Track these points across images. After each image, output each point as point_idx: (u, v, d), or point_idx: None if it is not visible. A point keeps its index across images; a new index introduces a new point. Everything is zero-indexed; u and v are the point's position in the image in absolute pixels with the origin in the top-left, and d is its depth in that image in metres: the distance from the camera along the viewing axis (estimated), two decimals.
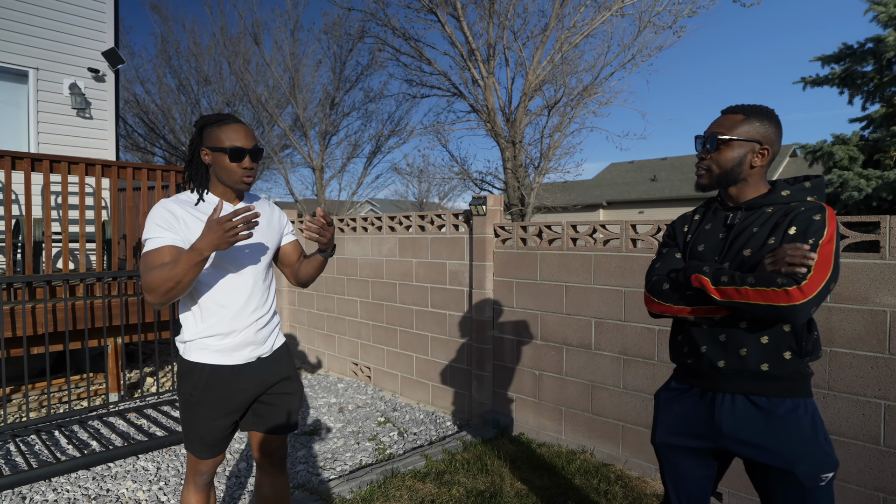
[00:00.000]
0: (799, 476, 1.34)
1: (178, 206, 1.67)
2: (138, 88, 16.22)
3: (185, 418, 1.76)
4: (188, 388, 1.71)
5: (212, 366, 1.70)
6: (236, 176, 1.69)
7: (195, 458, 1.77)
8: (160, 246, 1.60)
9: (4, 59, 5.47)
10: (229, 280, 1.71)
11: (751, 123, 1.46)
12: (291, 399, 1.88)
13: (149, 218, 1.65)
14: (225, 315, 1.70)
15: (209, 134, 1.70)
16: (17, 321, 3.65)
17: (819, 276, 1.28)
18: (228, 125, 1.70)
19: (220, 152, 1.67)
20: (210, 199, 1.75)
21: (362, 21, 10.67)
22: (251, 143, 1.71)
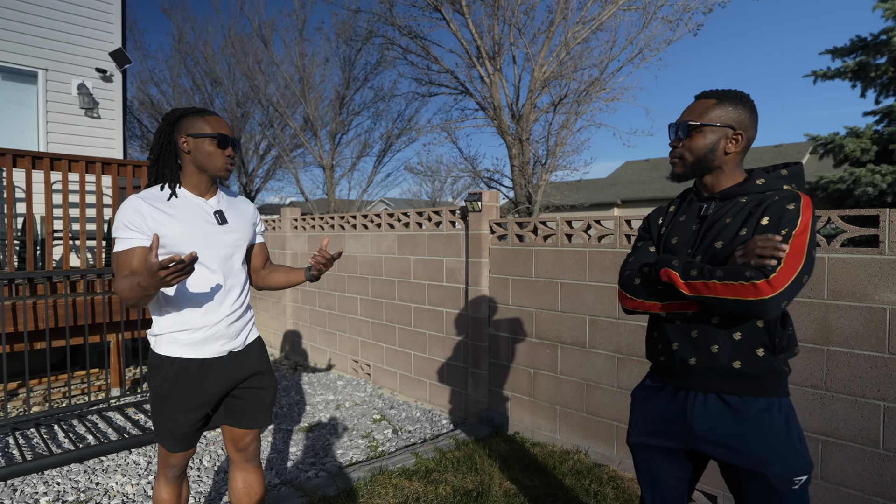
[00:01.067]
0: (770, 478, 1.27)
1: (146, 203, 1.64)
2: (153, 90, 16.49)
3: (154, 411, 1.75)
4: (157, 381, 1.70)
5: (181, 359, 1.69)
6: (220, 162, 1.70)
7: (165, 451, 1.76)
8: (128, 248, 1.61)
9: (14, 61, 5.57)
10: (201, 275, 1.70)
11: (723, 108, 1.40)
12: (264, 394, 1.86)
13: (117, 216, 1.64)
14: (196, 309, 1.69)
15: (189, 123, 1.69)
16: (18, 317, 3.71)
17: (789, 268, 1.22)
18: (211, 115, 1.73)
19: (206, 138, 1.67)
20: (182, 194, 1.72)
21: (370, 21, 10.68)
22: (232, 133, 1.76)
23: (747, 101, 1.41)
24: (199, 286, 1.70)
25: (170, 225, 1.63)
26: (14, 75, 5.64)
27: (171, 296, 1.68)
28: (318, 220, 5.72)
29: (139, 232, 1.61)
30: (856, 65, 8.45)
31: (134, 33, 16.08)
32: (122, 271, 1.60)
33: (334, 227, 5.44)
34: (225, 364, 1.76)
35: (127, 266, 1.60)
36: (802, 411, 2.39)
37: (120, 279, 1.57)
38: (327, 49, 14.63)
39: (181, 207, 1.69)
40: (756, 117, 1.43)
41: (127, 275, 1.57)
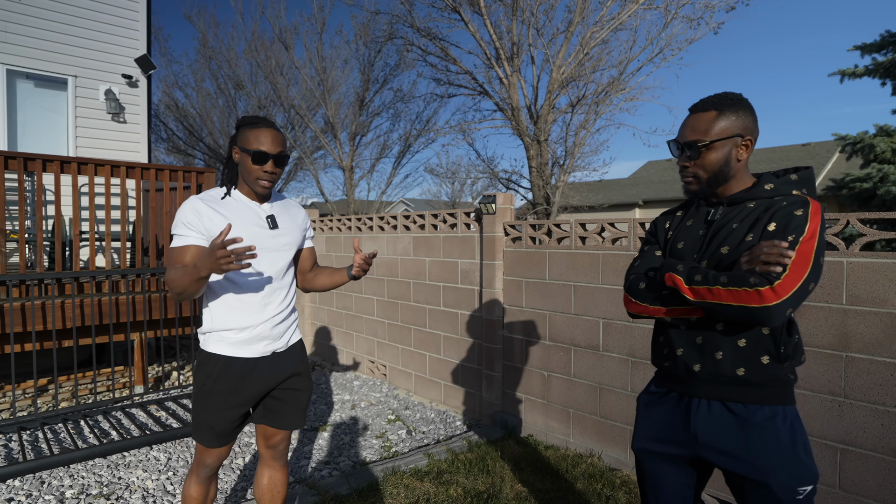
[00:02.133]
0: (774, 488, 1.26)
1: (203, 203, 1.73)
2: (178, 94, 16.87)
3: (196, 407, 1.81)
4: (202, 377, 1.77)
5: (226, 357, 1.75)
6: (252, 177, 1.75)
7: (202, 447, 1.83)
8: (183, 245, 1.69)
9: (47, 69, 5.78)
10: (250, 277, 1.76)
11: (726, 119, 1.38)
12: (300, 396, 1.93)
13: (177, 213, 1.73)
14: (243, 310, 1.76)
15: (242, 134, 1.77)
16: (47, 315, 3.85)
17: (795, 275, 1.20)
18: (259, 128, 1.75)
19: (246, 153, 1.73)
20: (236, 196, 1.81)
21: (389, 23, 10.76)
22: (277, 148, 1.75)
23: (745, 104, 1.39)
24: (247, 287, 1.76)
25: (220, 223, 1.70)
26: (46, 82, 5.85)
27: (221, 295, 1.75)
28: (336, 221, 5.79)
29: (195, 230, 1.69)
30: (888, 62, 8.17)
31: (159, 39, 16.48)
32: (174, 264, 1.68)
33: (351, 229, 5.50)
34: (268, 364, 1.82)
35: (180, 260, 1.68)
36: (820, 419, 2.34)
37: (169, 269, 1.65)
38: (347, 51, 14.79)
39: (235, 209, 1.77)
40: (756, 116, 1.41)
41: (177, 266, 1.65)
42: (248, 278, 1.76)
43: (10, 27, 5.58)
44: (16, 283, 3.84)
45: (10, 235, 4.56)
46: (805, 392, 2.38)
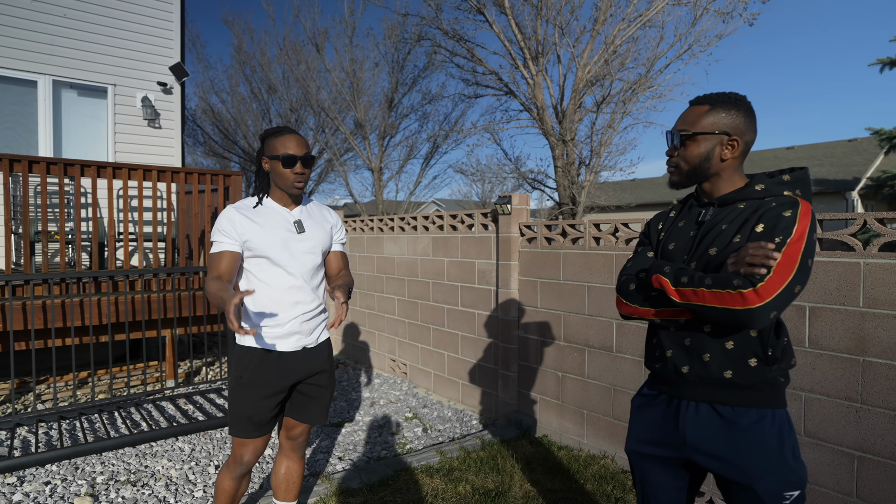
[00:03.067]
0: (760, 492, 1.24)
1: (237, 212, 1.90)
2: (214, 98, 17.43)
3: (234, 400, 1.91)
4: (239, 370, 1.89)
5: (262, 350, 1.89)
6: (288, 181, 1.89)
7: (240, 441, 1.92)
8: (219, 251, 1.86)
9: (89, 78, 6.10)
10: (282, 277, 1.90)
11: (716, 114, 1.37)
12: (324, 392, 2.05)
13: (217, 221, 1.90)
14: (274, 308, 1.88)
15: (268, 144, 1.92)
16: (84, 312, 4.07)
17: (779, 278, 1.19)
18: (283, 135, 1.91)
19: (276, 160, 1.88)
20: (267, 203, 1.96)
21: (418, 25, 10.86)
22: (303, 150, 1.90)
23: (742, 105, 1.38)
24: (278, 286, 1.89)
25: (255, 231, 1.87)
26: (88, 91, 6.17)
27: (255, 294, 1.88)
28: (359, 222, 5.90)
29: (229, 237, 1.85)
30: None
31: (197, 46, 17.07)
32: (212, 272, 1.84)
33: (374, 230, 5.60)
34: (299, 358, 1.94)
35: (216, 268, 1.83)
36: (836, 425, 2.27)
37: (209, 280, 1.81)
38: (376, 54, 14.99)
39: (266, 216, 1.92)
40: (753, 120, 1.39)
41: (215, 277, 1.81)
42: (279, 279, 1.90)
43: (56, 41, 5.91)
44: (57, 282, 4.08)
45: (52, 236, 4.84)
46: (821, 397, 2.32)
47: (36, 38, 5.82)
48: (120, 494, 2.70)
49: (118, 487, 2.77)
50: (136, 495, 2.69)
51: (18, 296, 3.98)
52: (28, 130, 5.87)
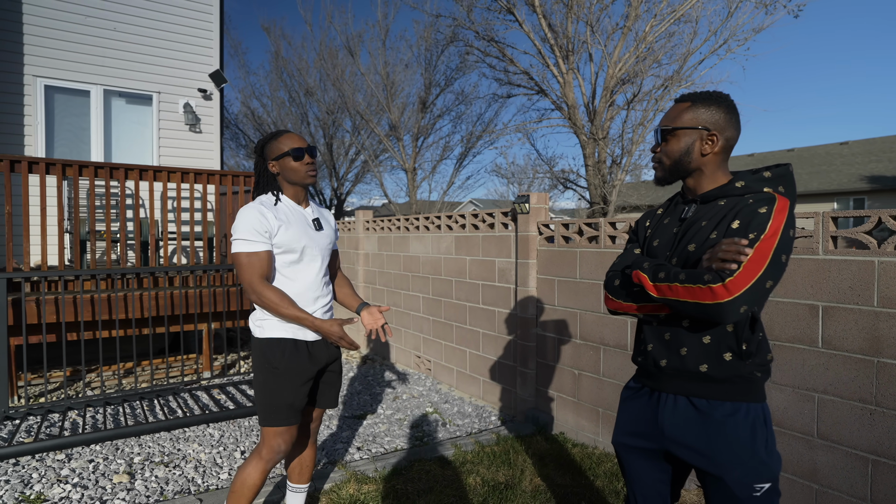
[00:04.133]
0: (730, 483, 1.27)
1: (265, 208, 1.91)
2: (255, 103, 18.06)
3: (269, 391, 1.92)
4: (272, 361, 1.92)
5: (293, 340, 1.96)
6: (302, 173, 1.97)
7: (277, 430, 1.93)
8: (257, 251, 1.87)
9: (137, 87, 6.49)
10: (305, 272, 2.00)
11: (696, 110, 1.40)
12: (337, 379, 2.18)
13: (245, 219, 1.87)
14: (301, 301, 1.97)
15: (269, 149, 1.99)
16: (128, 306, 4.36)
17: (749, 273, 1.21)
18: (282, 136, 2.00)
19: (284, 157, 1.95)
20: (284, 200, 2.01)
21: (450, 26, 10.96)
22: (305, 143, 2.01)
23: (723, 102, 1.40)
24: (307, 279, 2.00)
25: (284, 228, 1.92)
26: (136, 99, 6.57)
27: (284, 288, 1.96)
28: (387, 222, 6.05)
29: (262, 236, 1.87)
30: None
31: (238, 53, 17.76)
32: (257, 274, 1.87)
33: (400, 229, 5.73)
34: (321, 347, 2.05)
35: (261, 269, 1.88)
36: (850, 427, 2.22)
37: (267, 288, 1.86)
38: (409, 56, 15.19)
39: (288, 214, 1.98)
40: (735, 117, 1.41)
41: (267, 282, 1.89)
42: (303, 273, 1.99)
43: (107, 52, 6.32)
44: (103, 277, 4.39)
45: (101, 235, 5.19)
46: (834, 398, 2.27)
47: (89, 50, 6.24)
48: (154, 474, 2.90)
49: (152, 467, 2.99)
50: (167, 475, 2.89)
51: (70, 290, 4.30)
52: (82, 137, 6.30)
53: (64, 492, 2.67)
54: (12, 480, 2.79)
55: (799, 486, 2.39)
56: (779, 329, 2.46)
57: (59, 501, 2.58)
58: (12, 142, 5.88)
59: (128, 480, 2.82)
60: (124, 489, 2.72)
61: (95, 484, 2.78)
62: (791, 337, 2.42)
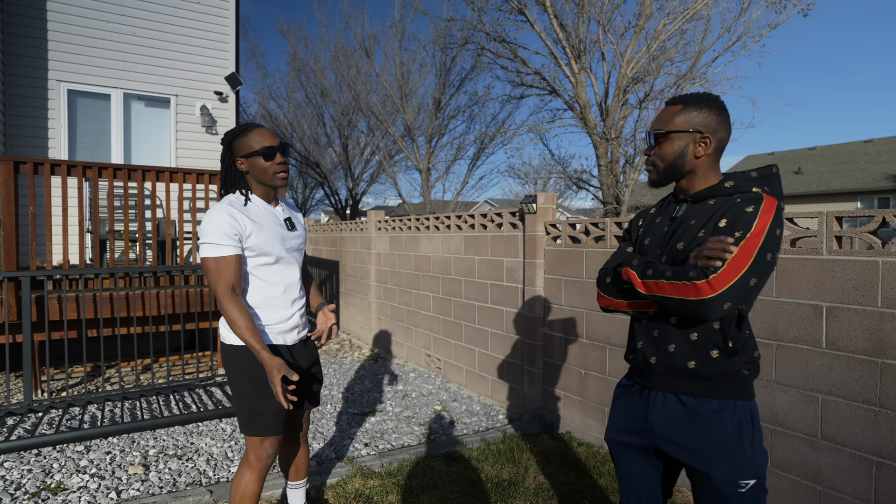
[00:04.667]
0: (716, 480, 1.29)
1: (236, 210, 1.81)
2: (272, 105, 18.31)
3: (255, 400, 1.83)
4: (254, 371, 1.83)
5: (274, 346, 1.90)
6: (270, 173, 1.85)
7: (262, 439, 1.86)
8: (226, 255, 1.75)
9: (155, 90, 6.66)
10: (282, 274, 1.93)
11: (688, 113, 1.42)
12: (319, 377, 2.13)
13: (213, 221, 1.76)
14: (279, 304, 1.92)
15: (239, 144, 1.86)
16: (146, 304, 4.49)
17: (733, 270, 1.23)
18: (253, 131, 1.86)
19: (254, 156, 1.83)
20: (255, 200, 1.91)
21: (464, 28, 11.00)
22: (278, 140, 1.87)
23: (714, 104, 1.42)
24: (279, 283, 1.92)
25: (256, 230, 1.82)
26: (154, 102, 6.73)
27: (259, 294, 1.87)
28: (398, 222, 6.11)
29: (233, 239, 1.76)
30: None
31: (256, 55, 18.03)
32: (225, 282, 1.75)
33: (411, 229, 5.78)
34: (301, 350, 2.01)
35: (229, 276, 1.75)
36: (854, 428, 2.21)
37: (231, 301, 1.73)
38: (423, 56, 15.27)
39: (259, 214, 1.88)
40: (725, 119, 1.43)
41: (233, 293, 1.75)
42: (278, 275, 1.92)
43: (126, 56, 6.49)
44: (122, 275, 4.52)
45: (119, 234, 5.34)
46: (838, 399, 2.26)
47: (110, 55, 6.42)
48: (167, 466, 3.00)
49: (166, 460, 3.08)
50: (180, 467, 2.98)
51: (90, 288, 4.44)
52: (102, 139, 6.48)
53: (82, 481, 2.78)
54: (34, 469, 2.91)
55: (803, 487, 2.38)
56: (783, 329, 2.45)
57: (77, 490, 2.69)
58: (37, 144, 6.07)
59: (142, 472, 2.91)
60: (139, 480, 2.82)
61: (112, 475, 2.88)
62: (795, 337, 2.41)
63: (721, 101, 1.44)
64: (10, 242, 3.98)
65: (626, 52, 8.22)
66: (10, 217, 3.96)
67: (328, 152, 18.50)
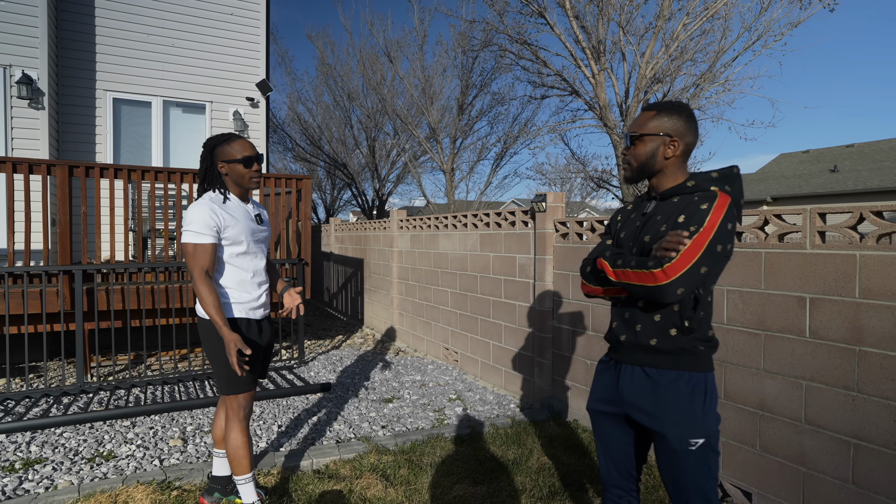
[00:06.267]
0: (669, 438, 1.48)
1: (217, 206, 2.18)
2: (301, 108, 18.85)
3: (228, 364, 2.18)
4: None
5: (247, 319, 2.32)
6: (247, 178, 2.25)
7: (241, 396, 2.26)
8: (204, 243, 2.12)
9: (192, 97, 7.08)
10: (251, 262, 2.34)
11: (660, 119, 1.60)
12: (271, 352, 2.51)
13: (197, 213, 2.12)
14: (248, 287, 2.31)
15: (221, 150, 2.22)
16: (184, 296, 4.86)
17: (685, 260, 1.41)
18: (235, 142, 2.23)
19: (235, 163, 2.20)
20: (232, 198, 2.28)
21: (485, 30, 11.20)
22: (254, 151, 2.27)
23: (683, 111, 1.60)
24: (249, 269, 2.31)
25: (232, 224, 2.20)
26: (191, 108, 7.17)
27: (232, 277, 2.26)
28: (419, 220, 6.36)
29: (211, 231, 2.12)
30: None
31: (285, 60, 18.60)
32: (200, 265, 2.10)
33: (430, 227, 6.02)
34: (265, 326, 2.40)
35: (204, 260, 2.11)
36: (834, 413, 2.34)
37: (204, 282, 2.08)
38: (446, 60, 15.51)
39: (235, 211, 2.25)
40: (693, 124, 1.61)
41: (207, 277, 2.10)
42: (249, 262, 2.31)
43: (166, 66, 6.94)
44: (162, 270, 4.90)
45: (160, 232, 5.75)
46: (820, 385, 2.39)
47: (151, 65, 6.87)
48: (203, 440, 3.31)
49: (202, 435, 3.40)
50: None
51: (133, 281, 4.83)
52: (144, 143, 6.94)
53: (129, 451, 3.12)
54: (89, 440, 3.26)
55: (789, 468, 2.52)
56: (770, 320, 2.59)
57: (125, 458, 3.02)
58: (85, 149, 6.56)
59: (181, 444, 3.23)
60: (178, 451, 3.14)
61: (155, 446, 3.21)
62: (781, 327, 2.54)
63: (690, 110, 1.62)
64: (64, 239, 4.39)
65: (645, 53, 8.28)
66: (65, 216, 4.36)
67: (355, 154, 18.96)
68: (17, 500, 2.50)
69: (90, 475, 2.81)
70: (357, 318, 8.23)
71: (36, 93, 5.83)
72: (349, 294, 8.59)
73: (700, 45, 8.14)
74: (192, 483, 2.71)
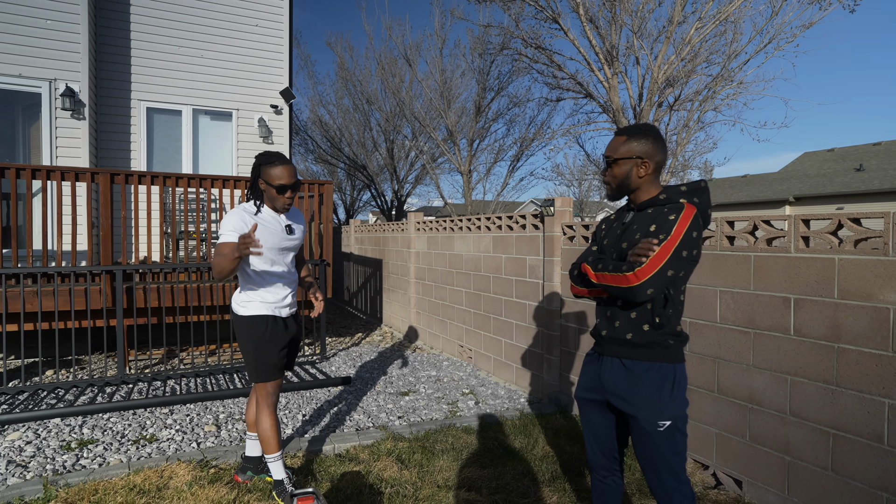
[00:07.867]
0: (640, 421, 1.70)
1: (247, 214, 2.50)
2: (322, 111, 19.28)
3: (258, 355, 2.51)
4: (258, 333, 2.52)
5: (272, 316, 2.58)
6: (279, 204, 2.55)
7: (268, 384, 2.56)
8: (227, 241, 2.37)
9: (219, 105, 7.45)
10: (276, 266, 2.60)
11: (630, 143, 1.82)
12: (297, 348, 2.80)
13: (228, 219, 2.44)
14: (275, 288, 2.60)
15: (264, 171, 2.51)
16: (214, 294, 5.19)
17: (653, 264, 1.63)
18: (277, 167, 2.49)
19: (271, 187, 2.50)
20: (265, 210, 2.57)
21: (499, 35, 11.39)
22: (292, 180, 2.50)
23: (650, 133, 1.81)
24: (276, 272, 2.59)
25: (260, 231, 2.49)
26: (218, 116, 7.54)
27: (259, 280, 2.54)
28: (435, 223, 6.61)
29: (238, 233, 2.39)
30: None
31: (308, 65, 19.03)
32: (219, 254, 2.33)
33: (446, 229, 6.27)
34: (290, 323, 2.68)
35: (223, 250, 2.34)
36: (816, 405, 2.51)
37: (216, 257, 2.36)
38: (464, 63, 15.74)
39: (266, 220, 2.55)
40: (661, 144, 1.82)
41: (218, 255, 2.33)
42: (276, 267, 2.57)
43: (195, 76, 7.32)
44: (194, 270, 5.24)
45: (192, 235, 6.11)
46: (803, 380, 2.57)
47: (181, 75, 7.26)
48: (234, 427, 3.62)
49: (233, 422, 3.70)
50: (245, 428, 3.59)
51: (167, 280, 5.19)
52: (175, 150, 7.34)
53: (170, 434, 3.43)
54: (132, 424, 3.60)
55: (775, 458, 2.69)
56: (759, 319, 2.77)
57: (166, 440, 3.34)
58: (121, 157, 6.98)
59: (215, 430, 3.54)
60: (213, 436, 3.44)
61: (192, 431, 3.52)
62: (769, 326, 2.72)
63: (657, 131, 1.84)
64: (106, 241, 4.75)
65: (658, 57, 8.39)
66: (108, 220, 4.73)
67: (374, 156, 19.32)
68: (77, 473, 2.82)
69: (136, 454, 3.13)
70: (376, 316, 8.52)
71: (78, 104, 6.25)
72: (368, 293, 8.89)
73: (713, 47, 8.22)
74: (227, 463, 3.01)
